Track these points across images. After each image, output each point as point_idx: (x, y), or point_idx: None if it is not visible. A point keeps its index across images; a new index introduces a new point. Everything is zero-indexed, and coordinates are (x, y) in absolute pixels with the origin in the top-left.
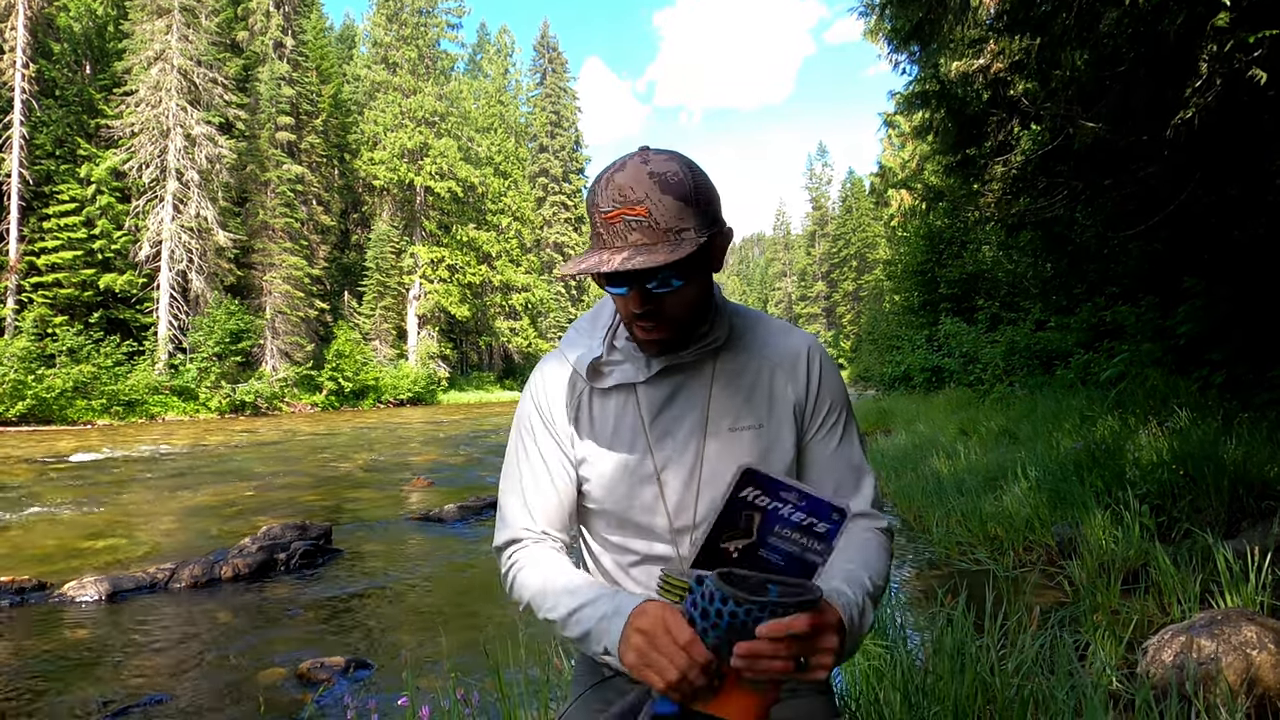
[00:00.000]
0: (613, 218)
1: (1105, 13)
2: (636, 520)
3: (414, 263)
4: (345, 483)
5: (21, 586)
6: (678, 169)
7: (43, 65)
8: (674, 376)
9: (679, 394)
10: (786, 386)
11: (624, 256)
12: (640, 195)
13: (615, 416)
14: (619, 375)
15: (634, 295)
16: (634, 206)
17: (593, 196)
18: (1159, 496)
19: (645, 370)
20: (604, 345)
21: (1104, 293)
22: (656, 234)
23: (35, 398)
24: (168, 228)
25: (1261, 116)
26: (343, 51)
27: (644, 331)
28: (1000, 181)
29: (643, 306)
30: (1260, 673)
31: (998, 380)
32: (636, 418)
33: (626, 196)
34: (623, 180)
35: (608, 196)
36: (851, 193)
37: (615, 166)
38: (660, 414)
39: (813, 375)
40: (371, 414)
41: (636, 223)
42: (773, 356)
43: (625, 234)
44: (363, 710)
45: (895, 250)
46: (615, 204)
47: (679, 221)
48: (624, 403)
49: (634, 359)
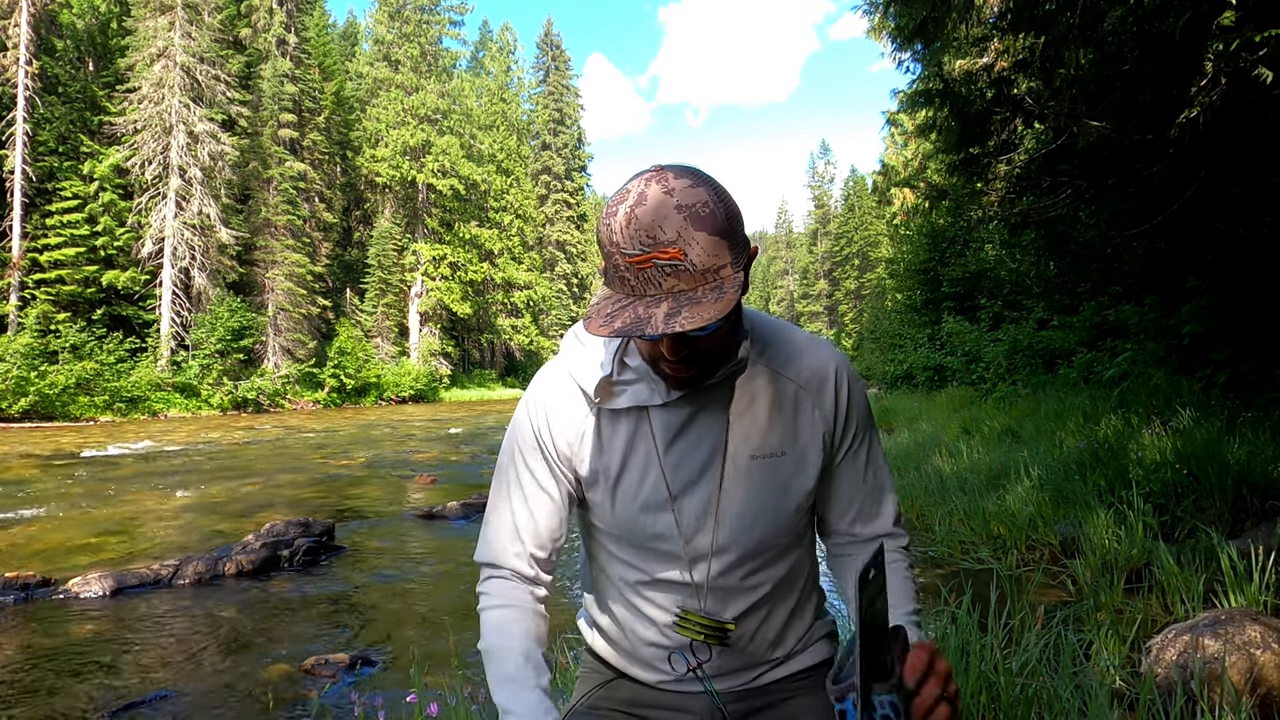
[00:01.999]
0: (643, 263)
1: (1109, 11)
2: (649, 546)
3: (416, 260)
4: (348, 480)
5: (26, 583)
6: (706, 198)
7: (46, 62)
8: (691, 398)
9: (697, 418)
10: (814, 412)
11: (666, 312)
12: (672, 236)
13: (626, 440)
14: (631, 396)
15: (669, 343)
16: (666, 249)
17: (611, 234)
18: (1162, 496)
19: (662, 395)
20: (614, 362)
21: (1107, 292)
22: (694, 277)
23: (38, 394)
24: (170, 225)
25: (1267, 115)
26: (345, 49)
27: (673, 369)
28: (1003, 180)
29: (677, 354)
30: (1264, 673)
31: (1000, 379)
32: (650, 442)
33: (656, 238)
34: (648, 218)
35: (632, 238)
36: (854, 191)
37: (635, 199)
38: (676, 439)
39: (841, 399)
40: (373, 411)
41: (671, 267)
42: (798, 378)
43: (659, 280)
44: (370, 707)
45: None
46: (644, 247)
47: (715, 259)
48: (636, 425)
49: (649, 380)
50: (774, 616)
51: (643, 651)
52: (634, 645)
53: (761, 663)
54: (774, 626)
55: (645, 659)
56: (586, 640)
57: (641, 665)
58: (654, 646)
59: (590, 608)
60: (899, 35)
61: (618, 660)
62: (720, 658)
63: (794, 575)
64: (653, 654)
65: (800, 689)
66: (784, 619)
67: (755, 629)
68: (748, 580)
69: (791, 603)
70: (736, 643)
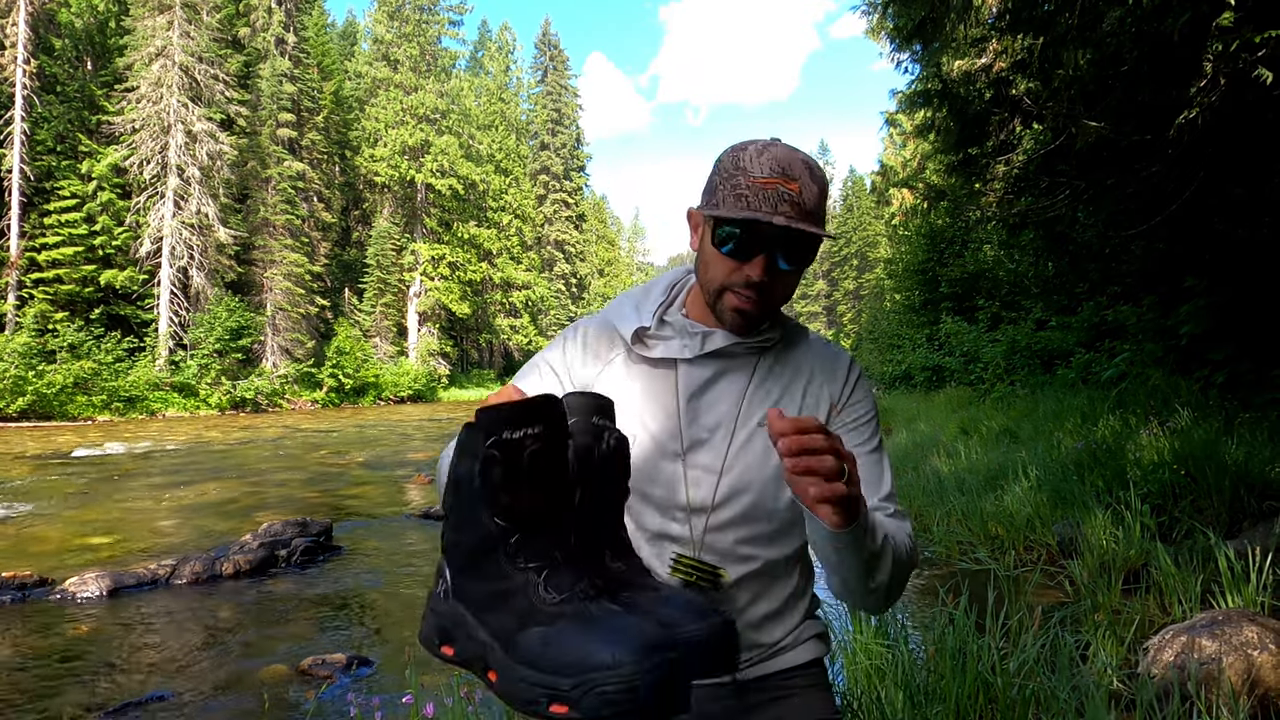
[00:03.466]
0: (768, 184)
1: (1108, 12)
2: (652, 494)
3: (414, 260)
4: (345, 480)
5: (23, 582)
6: (817, 163)
7: (44, 61)
8: (718, 362)
9: (719, 381)
10: (823, 388)
11: (786, 219)
12: (797, 174)
13: (650, 388)
14: (664, 349)
15: (760, 262)
16: (790, 181)
17: (738, 161)
18: (1160, 496)
19: (695, 349)
20: (654, 320)
21: (1105, 292)
22: (803, 214)
23: (36, 394)
24: (168, 224)
25: (1266, 116)
26: (344, 48)
27: (742, 300)
28: (1002, 181)
29: (764, 276)
30: (1261, 673)
31: (998, 379)
32: (673, 394)
33: (785, 170)
34: (781, 155)
35: (763, 165)
36: (853, 191)
37: (767, 143)
38: (697, 396)
39: (849, 382)
40: (372, 411)
41: (789, 196)
42: (815, 364)
43: (776, 203)
44: (366, 708)
45: (896, 249)
46: (773, 173)
47: (818, 208)
48: (663, 377)
49: (684, 336)
50: (765, 598)
51: None
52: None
53: (750, 646)
54: (763, 608)
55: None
56: None
57: None
58: None
59: None
60: (898, 36)
61: None
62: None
63: (788, 564)
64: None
65: (787, 690)
66: (774, 606)
67: (745, 603)
68: (741, 548)
69: (784, 592)
70: (727, 605)
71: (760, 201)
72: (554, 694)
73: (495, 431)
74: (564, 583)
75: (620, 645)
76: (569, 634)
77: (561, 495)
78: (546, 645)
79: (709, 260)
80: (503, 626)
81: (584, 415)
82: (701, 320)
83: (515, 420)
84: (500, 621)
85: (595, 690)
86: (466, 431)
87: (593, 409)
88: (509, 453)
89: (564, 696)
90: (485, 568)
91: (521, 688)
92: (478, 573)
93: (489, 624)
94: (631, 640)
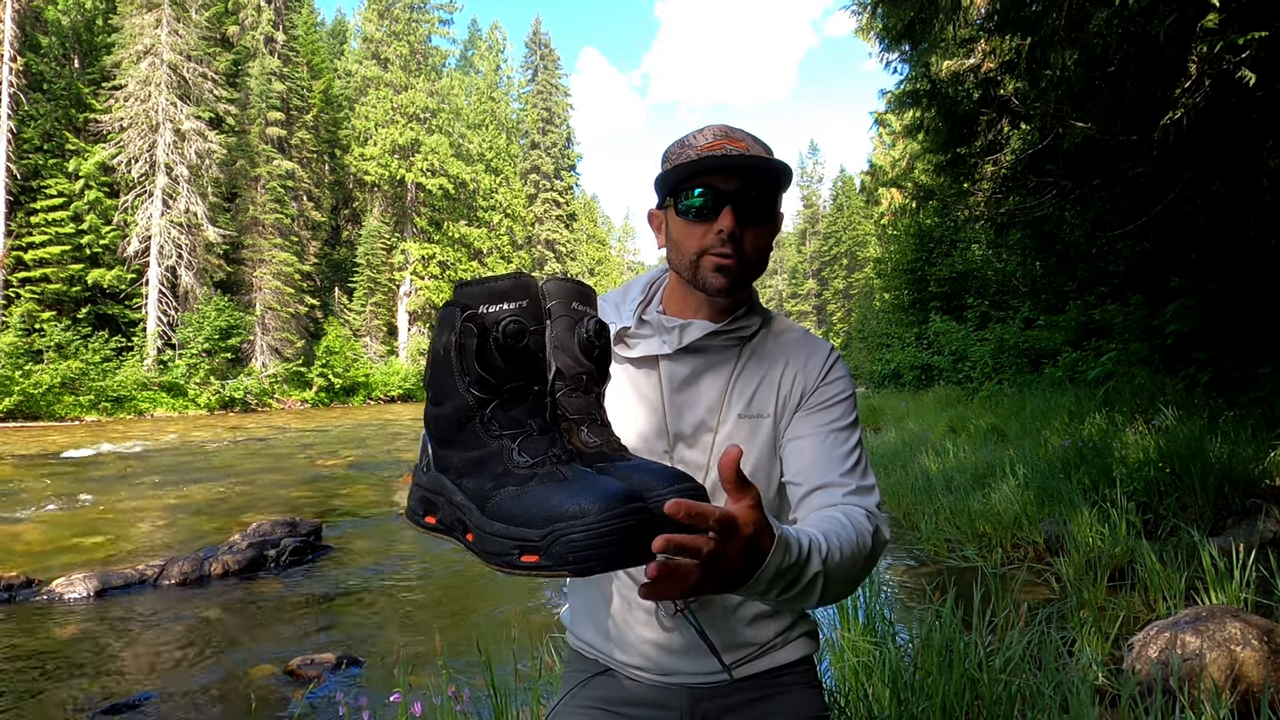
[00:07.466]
0: (714, 146)
1: (1095, 13)
2: None
3: (405, 259)
4: (335, 479)
5: (10, 583)
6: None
7: (31, 59)
8: (699, 357)
9: (703, 375)
10: (799, 377)
11: (739, 155)
12: (740, 136)
13: (635, 386)
14: (645, 347)
15: (728, 212)
16: (736, 141)
17: (682, 144)
18: (1146, 494)
19: (674, 343)
20: (634, 319)
21: (1093, 291)
22: (754, 160)
23: (23, 394)
24: (157, 223)
25: (1250, 117)
26: (334, 47)
27: (719, 257)
28: (990, 180)
29: (735, 226)
30: (1244, 669)
31: (987, 378)
32: (657, 391)
33: (728, 135)
34: (720, 128)
35: (705, 136)
36: (842, 191)
37: (705, 125)
38: (680, 391)
39: (826, 364)
40: (362, 411)
41: (736, 151)
42: (795, 354)
43: (724, 156)
44: (354, 707)
45: (885, 248)
46: (716, 138)
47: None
48: (646, 375)
49: (662, 332)
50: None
51: (630, 614)
52: (621, 608)
53: (741, 644)
54: (755, 606)
55: (631, 626)
56: (571, 631)
57: (624, 648)
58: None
59: (575, 589)
60: (887, 36)
61: (602, 645)
62: (703, 611)
63: None
64: (641, 614)
65: (777, 687)
66: (766, 604)
67: (737, 601)
68: None
69: None
70: (718, 601)
71: (711, 162)
72: (524, 545)
73: (472, 306)
74: (538, 448)
75: (587, 497)
76: (540, 491)
77: (535, 370)
78: (517, 501)
79: (679, 238)
80: (479, 489)
81: (563, 299)
82: (679, 314)
83: (491, 296)
84: (477, 485)
85: (563, 538)
86: (445, 307)
87: (573, 294)
88: (484, 326)
89: (533, 546)
90: (464, 437)
91: (494, 542)
92: (457, 443)
93: (466, 488)
94: (599, 492)
